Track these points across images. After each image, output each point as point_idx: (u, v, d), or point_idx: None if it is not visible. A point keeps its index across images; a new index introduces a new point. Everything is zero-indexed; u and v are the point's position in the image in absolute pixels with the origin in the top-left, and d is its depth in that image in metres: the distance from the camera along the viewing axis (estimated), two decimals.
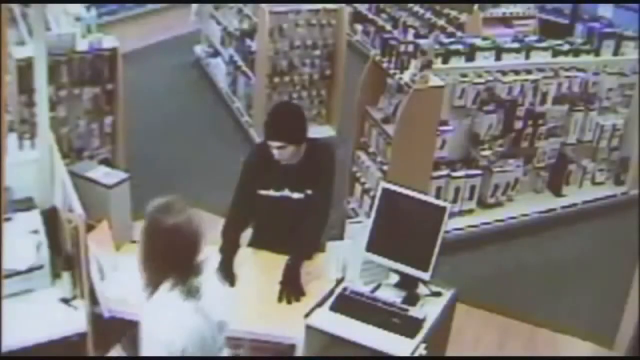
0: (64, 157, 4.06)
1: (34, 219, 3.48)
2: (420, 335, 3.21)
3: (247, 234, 3.80)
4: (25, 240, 3.36)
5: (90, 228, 3.36)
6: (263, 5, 6.38)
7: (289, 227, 3.61)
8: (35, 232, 3.40)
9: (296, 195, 3.60)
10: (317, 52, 6.65)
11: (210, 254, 3.56)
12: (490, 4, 7.41)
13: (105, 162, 5.09)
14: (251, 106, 6.97)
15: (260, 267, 3.69)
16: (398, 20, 8.37)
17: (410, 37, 7.06)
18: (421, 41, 5.16)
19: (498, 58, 5.47)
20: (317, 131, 6.26)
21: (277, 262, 3.56)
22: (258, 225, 3.82)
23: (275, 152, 3.47)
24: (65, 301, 3.31)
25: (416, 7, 8.08)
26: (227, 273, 3.51)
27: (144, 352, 2.55)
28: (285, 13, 6.42)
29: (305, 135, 3.54)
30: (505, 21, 7.50)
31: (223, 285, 3.43)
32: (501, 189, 5.79)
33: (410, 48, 5.06)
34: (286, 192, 3.60)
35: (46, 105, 3.57)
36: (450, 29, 7.40)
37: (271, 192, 3.61)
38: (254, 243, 3.83)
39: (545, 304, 5.03)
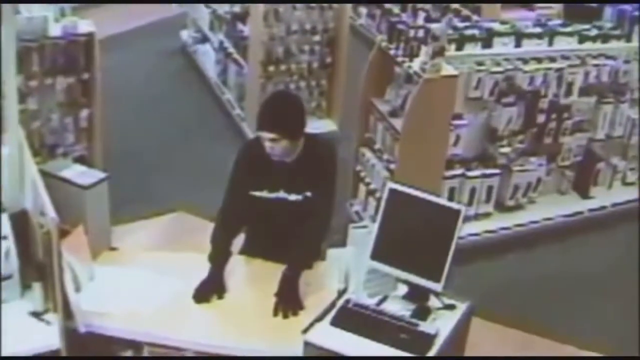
0: (35, 155, 4.06)
1: (1, 224, 3.48)
2: (431, 353, 3.21)
3: (238, 241, 3.80)
4: None
5: (64, 233, 3.35)
6: None
7: (285, 233, 3.60)
8: (3, 238, 3.40)
9: (293, 197, 3.60)
10: (317, 38, 6.65)
11: (197, 263, 3.60)
12: None
13: (81, 160, 5.09)
14: (243, 98, 6.97)
15: (253, 278, 3.69)
16: (407, 3, 8.37)
17: (420, 21, 7.05)
18: (433, 25, 5.15)
19: (518, 44, 5.48)
20: (317, 126, 6.28)
21: (273, 272, 3.56)
22: (251, 231, 3.83)
23: (267, 145, 3.47)
24: (37, 315, 3.31)
25: None
26: (216, 284, 3.51)
27: None
28: None
29: (302, 129, 3.55)
30: (526, 3, 7.50)
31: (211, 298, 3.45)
32: (522, 190, 5.79)
33: (421, 33, 5.07)
34: (282, 194, 3.60)
35: (15, 98, 3.57)
36: (465, 12, 7.40)
37: (265, 194, 3.61)
38: (246, 250, 3.83)
39: (569, 318, 5.03)
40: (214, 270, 3.55)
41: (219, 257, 3.58)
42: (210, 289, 3.50)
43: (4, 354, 3.10)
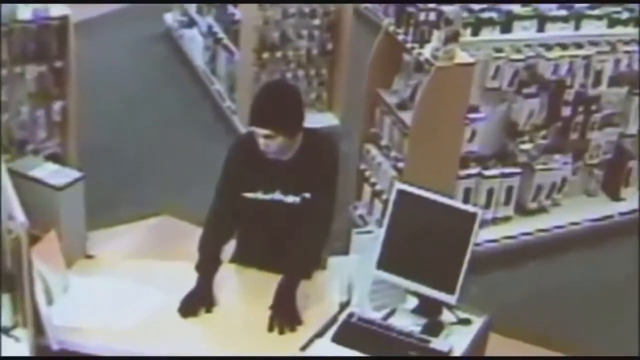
0: (3, 152, 4.06)
1: None
2: None
3: (229, 247, 3.80)
4: None
5: (35, 240, 3.35)
6: None
7: (281, 239, 3.60)
8: None
9: (290, 199, 3.60)
10: (317, 22, 6.65)
11: (183, 272, 3.59)
12: None
13: (54, 157, 5.08)
14: (234, 88, 6.97)
15: (245, 289, 3.69)
16: None
17: (432, 3, 7.04)
18: (446, 8, 5.15)
19: (541, 29, 5.47)
20: (317, 119, 6.26)
21: (267, 282, 3.55)
22: (243, 237, 3.82)
23: (261, 141, 3.46)
24: (5, 331, 3.31)
25: None
26: (205, 296, 3.51)
27: None
28: None
29: (300, 125, 3.54)
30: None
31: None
32: (545, 192, 5.79)
33: (433, 16, 5.06)
34: (278, 195, 3.60)
35: None
36: None
37: (259, 195, 3.61)
38: (238, 258, 3.83)
39: (597, 333, 5.03)
40: (202, 281, 3.54)
41: (207, 266, 3.58)
42: (198, 301, 3.50)
43: None
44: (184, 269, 3.60)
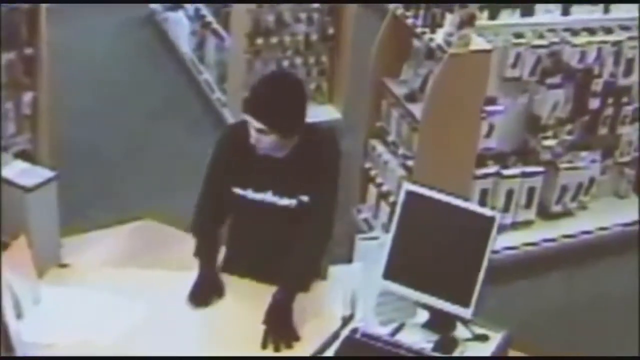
0: None
1: None
2: None
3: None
4: None
5: (2, 247, 3.35)
6: None
7: (275, 246, 3.61)
8: None
9: (284, 201, 3.59)
10: (316, 5, 6.66)
11: (167, 282, 3.59)
12: None
13: (24, 155, 5.07)
14: (225, 78, 6.98)
15: (236, 301, 3.68)
16: None
17: None
18: None
19: (566, 12, 5.48)
20: (316, 113, 6.25)
21: (260, 294, 3.55)
22: (234, 242, 3.81)
23: (252, 134, 3.45)
24: None
25: None
26: (213, 282, 3.57)
27: None
28: None
29: (299, 125, 3.51)
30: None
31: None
32: (570, 193, 5.80)
33: None
34: (269, 196, 3.59)
35: None
36: None
37: (250, 194, 3.60)
38: (228, 266, 3.82)
39: (629, 349, 5.02)
40: (206, 266, 3.61)
41: (207, 249, 3.65)
42: (208, 288, 3.56)
43: None
44: (168, 279, 3.61)
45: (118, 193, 5.97)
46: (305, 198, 3.58)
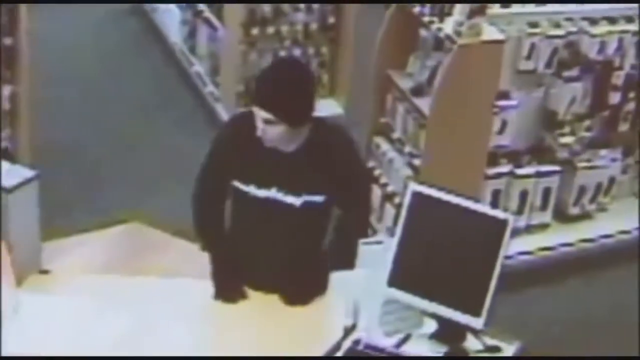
0: None
1: None
2: None
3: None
4: None
5: None
6: None
7: (279, 250, 3.62)
8: None
9: (290, 199, 3.57)
10: None
11: (155, 289, 3.59)
12: None
13: (3, 153, 5.08)
14: (217, 70, 6.97)
15: (226, 309, 3.68)
16: None
17: None
18: None
19: None
20: (317, 107, 6.26)
21: (254, 303, 3.56)
22: (235, 244, 3.80)
23: (259, 125, 3.46)
24: None
25: None
26: (235, 269, 3.64)
27: None
28: None
29: (308, 115, 3.53)
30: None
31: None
32: (589, 194, 5.80)
33: None
34: (274, 193, 3.58)
35: None
36: None
37: (252, 190, 3.59)
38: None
39: None
40: (219, 257, 3.66)
41: (215, 241, 3.70)
42: (233, 279, 3.64)
43: None
44: (155, 286, 3.61)
45: (103, 194, 5.96)
46: (314, 198, 3.57)
